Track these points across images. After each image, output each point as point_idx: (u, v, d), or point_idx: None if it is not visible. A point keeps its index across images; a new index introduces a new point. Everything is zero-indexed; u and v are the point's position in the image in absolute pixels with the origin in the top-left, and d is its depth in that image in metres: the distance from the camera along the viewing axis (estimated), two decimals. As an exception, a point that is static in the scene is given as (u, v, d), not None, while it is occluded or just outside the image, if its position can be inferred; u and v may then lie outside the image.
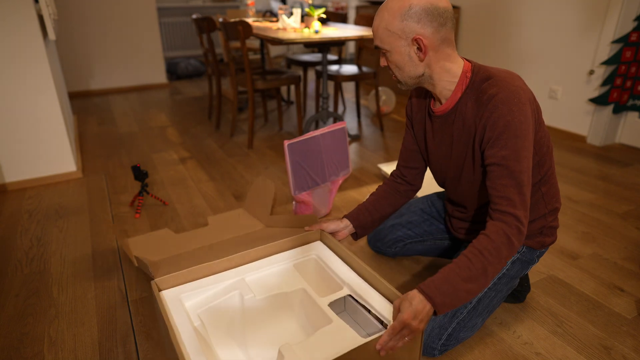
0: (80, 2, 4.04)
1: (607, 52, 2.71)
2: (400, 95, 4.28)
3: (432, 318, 1.20)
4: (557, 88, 3.06)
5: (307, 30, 2.72)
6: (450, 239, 1.53)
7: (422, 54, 1.05)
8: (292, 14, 3.25)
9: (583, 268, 1.64)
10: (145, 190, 2.10)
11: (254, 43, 4.30)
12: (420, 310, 0.97)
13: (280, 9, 2.91)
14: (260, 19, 3.51)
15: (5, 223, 1.98)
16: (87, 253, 1.75)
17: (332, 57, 3.56)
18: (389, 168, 2.41)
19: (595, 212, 2.06)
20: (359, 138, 3.10)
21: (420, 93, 1.27)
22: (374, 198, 1.40)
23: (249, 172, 2.53)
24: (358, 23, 3.33)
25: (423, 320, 0.97)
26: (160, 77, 4.65)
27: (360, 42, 3.37)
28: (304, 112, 3.69)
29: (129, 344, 1.30)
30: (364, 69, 3.16)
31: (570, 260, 1.69)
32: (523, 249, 1.26)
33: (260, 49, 3.65)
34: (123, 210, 2.09)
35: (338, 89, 3.48)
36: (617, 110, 2.82)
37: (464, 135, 1.13)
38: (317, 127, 3.25)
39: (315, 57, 3.57)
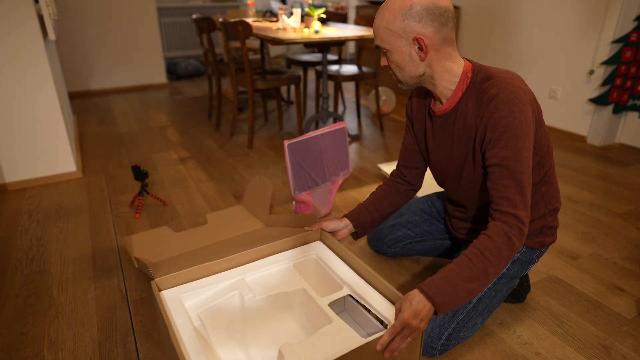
0: (80, 2, 4.04)
1: (607, 52, 2.71)
2: (400, 95, 4.28)
3: (432, 318, 1.20)
4: (557, 88, 3.06)
5: (307, 30, 2.72)
6: (450, 239, 1.53)
7: (423, 54, 1.05)
8: (292, 14, 3.25)
9: (583, 268, 1.64)
10: (145, 190, 2.10)
11: (254, 43, 4.30)
12: (421, 310, 0.97)
13: (280, 9, 2.91)
14: (260, 19, 3.51)
15: (5, 223, 1.98)
16: (87, 253, 1.75)
17: (332, 57, 3.56)
18: (389, 168, 2.41)
19: (595, 212, 2.06)
20: (359, 138, 3.10)
21: (421, 93, 1.27)
22: (374, 198, 1.40)
23: (249, 172, 2.53)
24: (358, 23, 3.33)
25: (423, 320, 0.97)
26: (160, 77, 4.65)
27: (360, 42, 3.37)
28: (304, 112, 3.69)
29: (129, 344, 1.30)
30: (364, 69, 3.16)
31: (570, 260, 1.69)
32: (523, 249, 1.26)
33: (260, 49, 3.65)
34: (123, 210, 2.09)
35: (338, 89, 3.48)
36: (617, 110, 2.82)
37: (465, 136, 1.13)
38: (317, 127, 3.25)
39: (315, 57, 3.57)
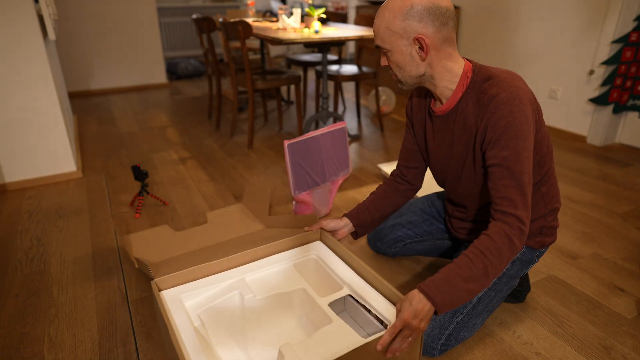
0: (80, 2, 4.04)
1: (607, 52, 2.71)
2: (400, 95, 4.28)
3: (432, 318, 1.20)
4: (557, 88, 3.06)
5: (307, 30, 2.72)
6: (450, 239, 1.53)
7: (423, 54, 1.05)
8: (292, 14, 3.25)
9: (583, 268, 1.64)
10: (145, 190, 2.10)
11: (254, 43, 4.30)
12: (421, 310, 0.96)
13: (280, 9, 2.91)
14: (260, 19, 3.51)
15: (5, 223, 1.98)
16: (87, 253, 1.75)
17: (332, 57, 3.56)
18: (389, 168, 2.41)
19: (595, 212, 2.06)
20: (359, 138, 3.10)
21: (421, 93, 1.27)
22: (374, 197, 1.40)
23: (249, 172, 2.53)
24: (358, 23, 3.33)
25: (424, 320, 0.97)
26: (160, 77, 4.65)
27: (360, 42, 3.37)
28: (304, 112, 3.69)
29: (129, 344, 1.30)
30: (364, 69, 3.16)
31: (570, 260, 1.69)
32: (523, 249, 1.26)
33: (260, 49, 3.65)
34: (123, 210, 2.09)
35: (338, 89, 3.47)
36: (617, 110, 2.82)
37: (465, 136, 1.13)
38: (317, 127, 3.25)
39: (315, 57, 3.57)
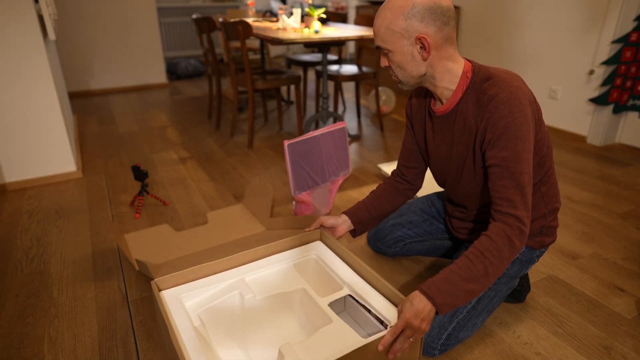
0: (80, 2, 4.04)
1: (607, 52, 2.71)
2: (400, 95, 4.28)
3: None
4: (557, 88, 3.06)
5: (307, 30, 2.72)
6: (451, 239, 1.53)
7: (425, 53, 1.05)
8: (292, 14, 3.25)
9: (583, 268, 1.64)
10: (145, 190, 2.10)
11: (254, 43, 4.30)
12: (422, 310, 0.97)
13: (280, 9, 2.91)
14: (260, 19, 3.51)
15: (5, 223, 1.98)
16: (87, 253, 1.75)
17: (332, 57, 3.56)
18: (389, 168, 2.41)
19: (595, 212, 2.06)
20: (359, 138, 3.09)
21: (420, 93, 1.27)
22: (374, 196, 1.40)
23: (249, 172, 2.53)
24: (358, 23, 3.33)
25: (425, 320, 0.97)
26: (160, 77, 4.65)
27: (360, 42, 3.37)
28: (304, 112, 3.69)
29: (129, 344, 1.30)
30: (364, 69, 3.16)
31: (570, 260, 1.69)
32: (523, 249, 1.26)
33: (260, 49, 3.65)
34: (123, 210, 2.09)
35: (338, 89, 3.47)
36: (617, 110, 2.82)
37: (465, 136, 1.13)
38: (317, 127, 3.25)
39: (315, 57, 3.57)
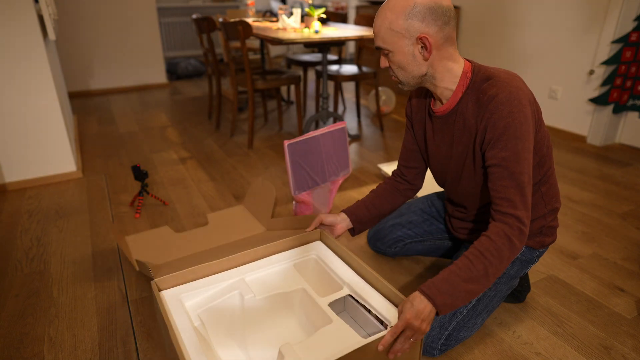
0: (80, 2, 4.04)
1: (607, 52, 2.71)
2: (400, 95, 4.28)
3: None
4: (557, 88, 3.06)
5: (307, 30, 2.72)
6: (451, 239, 1.53)
7: (427, 53, 1.04)
8: (292, 14, 3.25)
9: (583, 268, 1.64)
10: (145, 190, 2.10)
11: (254, 43, 4.30)
12: (422, 310, 0.97)
13: (280, 9, 2.91)
14: (260, 19, 3.51)
15: (5, 223, 1.98)
16: (87, 253, 1.75)
17: (332, 57, 3.56)
18: (389, 168, 2.41)
19: (595, 212, 2.06)
20: (359, 138, 3.09)
21: (420, 93, 1.27)
22: (373, 195, 1.41)
23: (249, 172, 2.53)
24: (358, 23, 3.33)
25: (425, 320, 0.97)
26: (160, 77, 4.65)
27: (360, 42, 3.37)
28: (304, 112, 3.69)
29: (129, 344, 1.30)
30: (364, 69, 3.16)
31: (570, 260, 1.69)
32: (523, 249, 1.26)
33: (260, 49, 3.65)
34: (123, 210, 2.09)
35: (338, 89, 3.47)
36: (617, 110, 2.82)
37: (465, 136, 1.13)
38: (317, 127, 3.25)
39: (315, 57, 3.57)
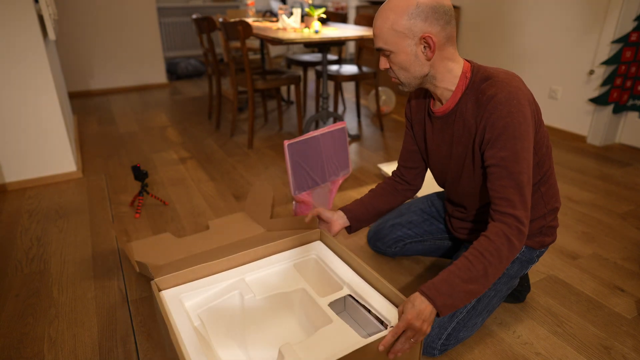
0: (80, 2, 4.04)
1: (607, 52, 2.71)
2: (400, 95, 4.28)
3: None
4: (557, 88, 3.06)
5: (307, 30, 2.72)
6: (450, 239, 1.53)
7: (430, 52, 1.04)
8: (292, 14, 3.25)
9: (583, 268, 1.64)
10: (145, 190, 2.10)
11: (254, 43, 4.30)
12: (423, 310, 0.97)
13: (280, 9, 2.91)
14: (260, 19, 3.51)
15: (5, 223, 1.98)
16: (87, 253, 1.75)
17: (332, 57, 3.56)
18: (389, 168, 2.41)
19: (595, 212, 2.06)
20: (359, 138, 3.09)
21: (419, 94, 1.27)
22: (372, 194, 1.41)
23: (249, 172, 2.53)
24: (358, 23, 3.33)
25: (426, 321, 0.97)
26: (160, 77, 4.65)
27: (360, 42, 3.37)
28: (304, 112, 3.69)
29: (129, 344, 1.30)
30: (364, 69, 3.16)
31: (570, 260, 1.69)
32: (523, 249, 1.26)
33: (260, 49, 3.65)
34: (123, 210, 2.09)
35: (338, 89, 3.47)
36: (617, 110, 2.82)
37: (464, 136, 1.13)
38: (317, 127, 3.25)
39: (315, 57, 3.57)
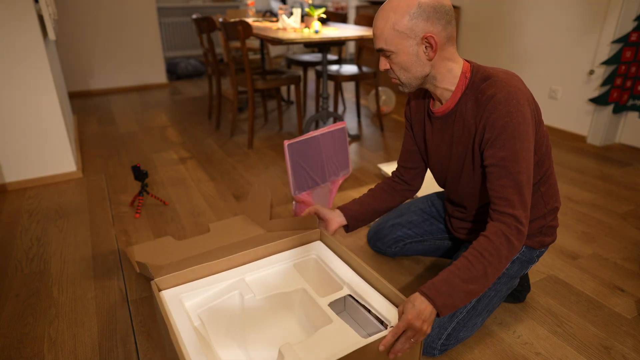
0: (80, 2, 4.04)
1: (607, 52, 2.71)
2: (400, 95, 4.28)
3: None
4: (557, 88, 3.06)
5: (307, 30, 2.72)
6: (450, 239, 1.53)
7: (432, 52, 1.04)
8: (292, 14, 3.25)
9: (583, 268, 1.64)
10: (145, 190, 2.10)
11: (254, 43, 4.29)
12: (423, 311, 0.97)
13: (280, 9, 2.91)
14: (260, 19, 3.51)
15: (5, 223, 1.98)
16: (87, 253, 1.75)
17: (332, 57, 3.56)
18: (389, 168, 2.41)
19: (595, 212, 2.06)
20: (359, 138, 3.09)
21: (419, 95, 1.27)
22: (370, 193, 1.42)
23: (249, 172, 2.53)
24: (358, 23, 3.33)
25: (426, 321, 0.97)
26: (160, 77, 4.65)
27: (360, 42, 3.37)
28: (304, 112, 3.69)
29: (129, 344, 1.30)
30: (364, 69, 3.16)
31: (570, 260, 1.69)
32: (522, 249, 1.26)
33: (260, 49, 3.65)
34: (123, 210, 2.09)
35: (338, 89, 3.47)
36: (617, 110, 2.82)
37: (464, 136, 1.13)
38: (317, 127, 3.25)
39: (315, 57, 3.57)
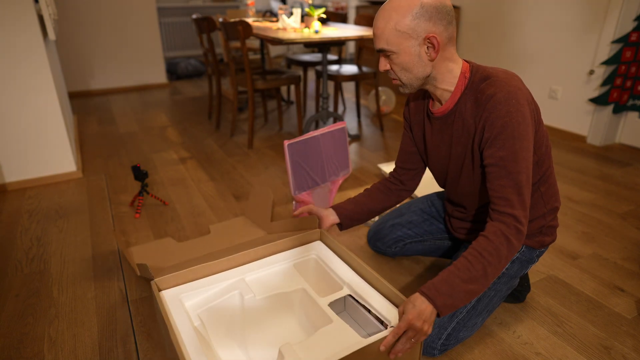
0: (80, 2, 4.04)
1: (607, 52, 2.71)
2: (400, 95, 4.28)
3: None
4: (557, 88, 3.06)
5: (307, 30, 2.72)
6: (450, 239, 1.53)
7: (434, 53, 1.04)
8: (292, 14, 3.25)
9: (583, 268, 1.64)
10: (145, 190, 2.10)
11: (254, 43, 4.30)
12: (423, 311, 0.97)
13: (280, 9, 2.91)
14: (260, 19, 3.51)
15: (5, 223, 1.98)
16: (87, 253, 1.75)
17: (332, 57, 3.56)
18: (389, 168, 2.42)
19: (595, 212, 2.06)
20: (359, 138, 3.09)
21: (418, 96, 1.27)
22: (365, 193, 1.43)
23: (249, 172, 2.53)
24: (358, 23, 3.33)
25: (427, 321, 0.97)
26: (160, 77, 4.65)
27: (360, 42, 3.37)
28: (304, 112, 3.69)
29: (129, 344, 1.30)
30: (364, 69, 3.16)
31: (570, 260, 1.69)
32: (522, 249, 1.26)
33: (260, 49, 3.65)
34: (123, 210, 2.09)
35: (338, 89, 3.47)
36: (617, 110, 2.82)
37: (464, 136, 1.13)
38: (317, 127, 3.25)
39: (315, 57, 3.57)
